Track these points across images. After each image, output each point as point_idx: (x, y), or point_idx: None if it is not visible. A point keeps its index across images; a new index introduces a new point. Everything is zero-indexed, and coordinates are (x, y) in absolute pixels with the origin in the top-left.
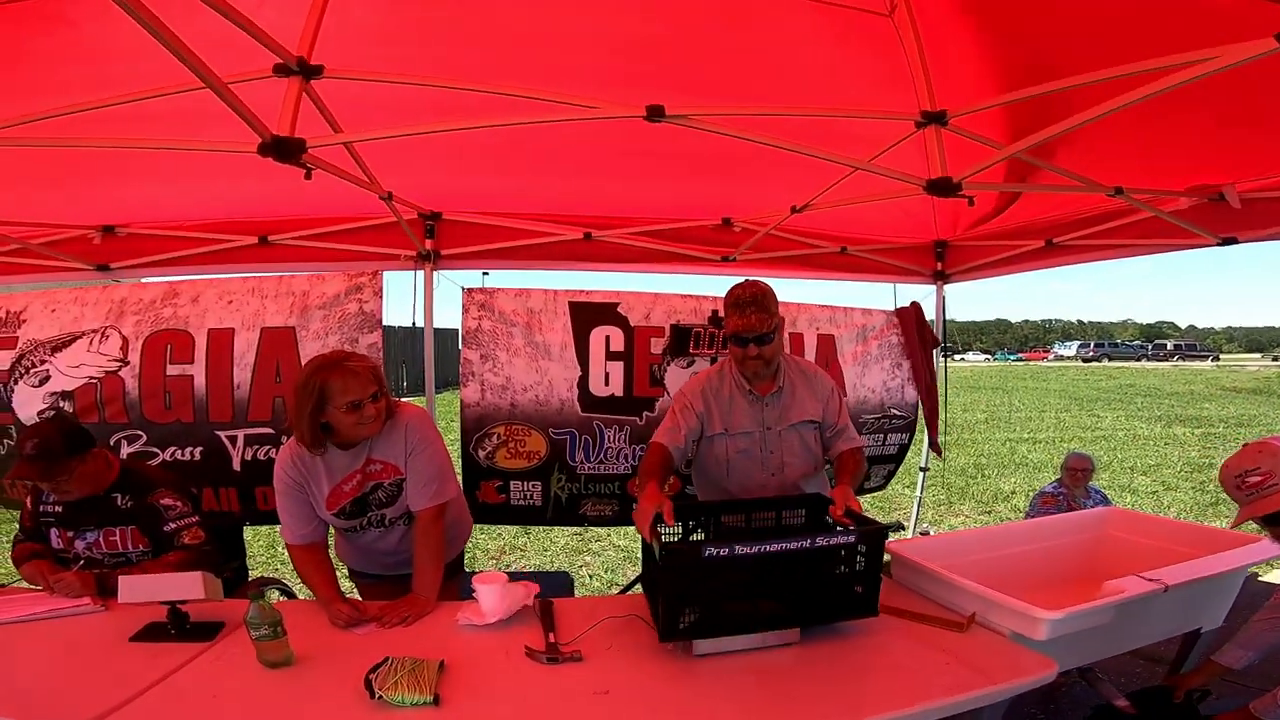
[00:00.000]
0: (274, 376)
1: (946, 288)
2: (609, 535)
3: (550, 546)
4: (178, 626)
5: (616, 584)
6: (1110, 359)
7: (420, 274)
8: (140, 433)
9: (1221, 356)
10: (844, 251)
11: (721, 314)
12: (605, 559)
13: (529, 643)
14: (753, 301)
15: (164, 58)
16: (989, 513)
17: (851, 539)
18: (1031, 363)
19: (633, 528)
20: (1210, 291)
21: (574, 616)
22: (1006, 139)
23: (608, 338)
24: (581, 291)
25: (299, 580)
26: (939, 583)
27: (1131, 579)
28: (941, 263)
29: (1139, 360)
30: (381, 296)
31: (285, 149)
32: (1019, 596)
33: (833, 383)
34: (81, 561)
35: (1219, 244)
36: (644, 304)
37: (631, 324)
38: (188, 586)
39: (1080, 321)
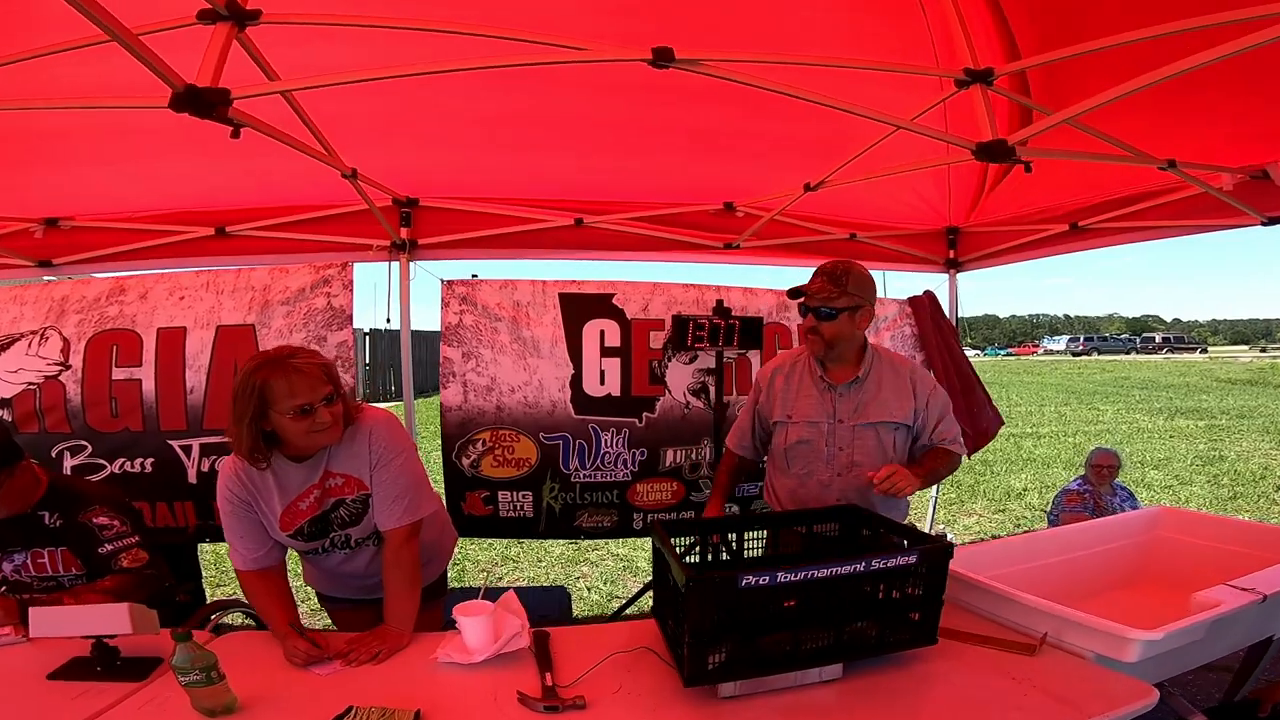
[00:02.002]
0: (231, 380)
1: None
2: (607, 544)
3: (545, 557)
4: (105, 663)
5: (616, 596)
6: (1100, 352)
7: (395, 265)
8: (84, 443)
9: (1209, 349)
10: (853, 238)
11: (727, 304)
12: (604, 569)
13: (522, 686)
14: (829, 272)
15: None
16: (1002, 511)
17: (912, 559)
18: (1022, 357)
19: (632, 538)
20: (1194, 285)
21: (574, 649)
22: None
23: (602, 332)
24: (573, 282)
25: None
26: (1000, 600)
27: (1222, 589)
28: (954, 250)
29: (1128, 353)
30: (352, 290)
31: (202, 101)
32: (1071, 606)
33: (933, 380)
34: (4, 587)
35: (1264, 224)
36: (641, 295)
37: (628, 316)
38: (111, 620)
39: (1067, 316)
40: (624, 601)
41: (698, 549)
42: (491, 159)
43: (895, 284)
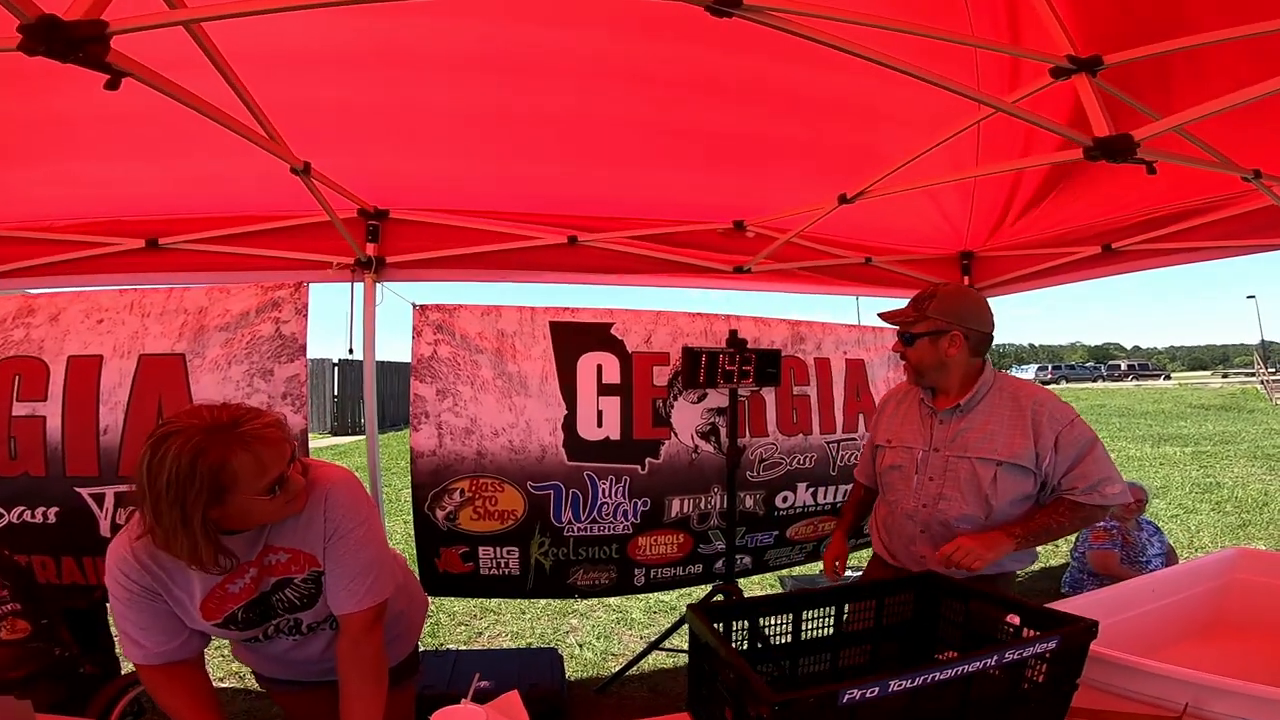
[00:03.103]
0: (154, 419)
1: None
2: None
3: (530, 609)
4: None
5: (613, 655)
6: (1068, 381)
7: (359, 287)
8: None
9: (1171, 375)
10: (868, 262)
11: (741, 334)
12: (596, 623)
13: None
14: (917, 296)
15: None
16: None
17: (1051, 645)
18: None
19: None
20: (1151, 313)
21: None
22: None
23: (600, 367)
24: (566, 309)
25: None
26: (1126, 671)
27: None
28: (969, 276)
29: (1095, 381)
30: (306, 315)
31: (63, 36)
32: (1156, 659)
33: (1071, 416)
34: None
35: None
36: (644, 324)
37: (629, 349)
38: None
39: (1032, 345)
40: (623, 665)
41: (746, 629)
42: (473, 165)
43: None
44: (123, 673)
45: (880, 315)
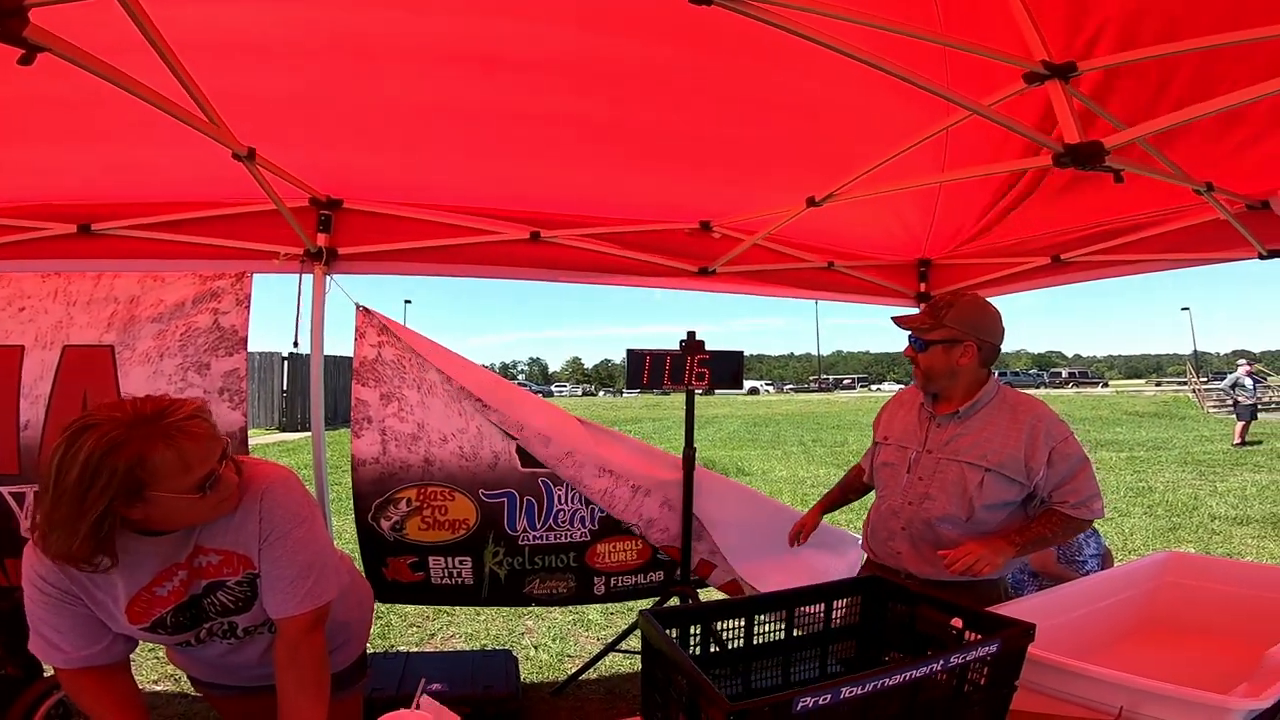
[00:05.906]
0: (79, 414)
1: None
2: None
3: (484, 610)
4: None
5: (569, 657)
6: (1013, 387)
7: (308, 278)
8: None
9: (1109, 383)
10: (831, 267)
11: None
12: (551, 624)
13: None
14: (933, 302)
15: None
16: None
17: (993, 649)
18: None
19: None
20: (1091, 323)
21: None
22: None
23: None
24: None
25: None
26: (1063, 674)
27: None
28: (925, 284)
29: (1038, 387)
30: (248, 307)
31: None
32: (1091, 662)
33: (1066, 433)
34: None
35: (1263, 256)
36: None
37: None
38: None
39: None
40: (579, 667)
41: (696, 633)
42: (433, 157)
43: (869, 316)
44: (46, 675)
45: (894, 320)
